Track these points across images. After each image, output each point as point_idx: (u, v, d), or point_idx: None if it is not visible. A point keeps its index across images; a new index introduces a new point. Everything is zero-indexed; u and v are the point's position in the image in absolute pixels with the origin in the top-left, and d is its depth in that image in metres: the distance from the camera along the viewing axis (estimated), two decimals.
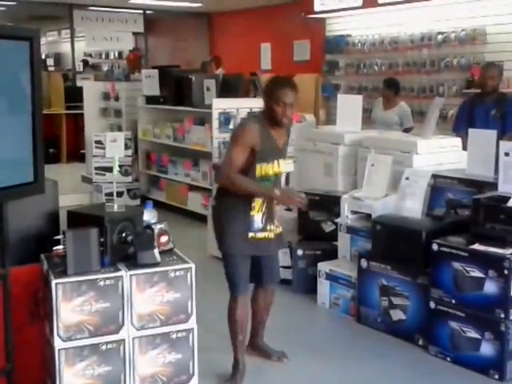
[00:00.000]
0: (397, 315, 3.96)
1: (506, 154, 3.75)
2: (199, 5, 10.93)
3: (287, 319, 4.23)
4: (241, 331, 3.31)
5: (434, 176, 4.21)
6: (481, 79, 5.59)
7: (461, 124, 5.38)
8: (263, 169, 3.20)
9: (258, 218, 3.23)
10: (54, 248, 2.78)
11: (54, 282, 2.56)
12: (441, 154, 4.60)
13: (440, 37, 7.65)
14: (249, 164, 3.18)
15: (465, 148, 4.48)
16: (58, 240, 2.77)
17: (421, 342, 3.82)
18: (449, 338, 3.61)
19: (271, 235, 3.29)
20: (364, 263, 4.13)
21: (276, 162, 3.26)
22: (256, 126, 3.19)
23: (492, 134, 4.21)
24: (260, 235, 3.24)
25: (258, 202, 3.22)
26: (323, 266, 4.46)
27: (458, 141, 4.75)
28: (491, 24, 7.14)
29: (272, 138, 3.23)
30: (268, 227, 3.27)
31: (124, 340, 2.69)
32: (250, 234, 3.21)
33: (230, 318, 3.29)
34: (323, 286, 4.43)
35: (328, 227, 4.77)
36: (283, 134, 3.33)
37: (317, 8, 9.06)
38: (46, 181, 2.83)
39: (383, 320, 4.04)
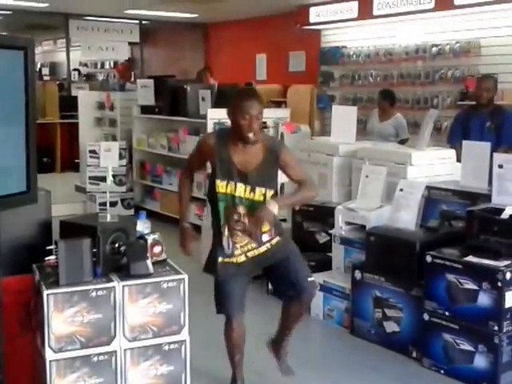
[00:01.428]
0: (390, 327, 3.95)
1: (500, 166, 3.76)
2: (195, 15, 10.96)
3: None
4: (238, 352, 3.25)
5: (428, 187, 4.22)
6: (476, 91, 5.61)
7: (456, 136, 5.40)
8: (220, 186, 3.04)
9: (224, 242, 3.11)
10: (46, 258, 2.76)
11: (45, 292, 2.54)
12: (435, 165, 4.60)
13: (434, 49, 7.70)
14: (212, 177, 3.11)
15: (459, 160, 4.49)
16: (50, 250, 2.75)
17: (414, 355, 3.80)
18: (442, 350, 3.60)
19: (242, 258, 3.11)
20: (358, 275, 4.12)
21: (239, 184, 3.03)
22: (212, 141, 3.07)
23: (486, 146, 4.22)
24: (228, 260, 3.12)
25: (222, 225, 3.10)
26: (317, 278, 4.43)
27: (452, 152, 4.76)
28: (486, 36, 7.20)
29: (229, 158, 3.02)
30: (235, 252, 3.10)
31: (116, 351, 2.66)
32: (220, 259, 3.12)
33: (226, 339, 3.24)
34: (317, 297, 4.40)
35: (322, 238, 4.76)
36: (258, 155, 3.04)
37: (312, 19, 9.12)
38: (38, 190, 2.82)
39: (377, 332, 4.03)
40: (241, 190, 3.04)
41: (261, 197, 3.04)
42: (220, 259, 3.12)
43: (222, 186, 3.05)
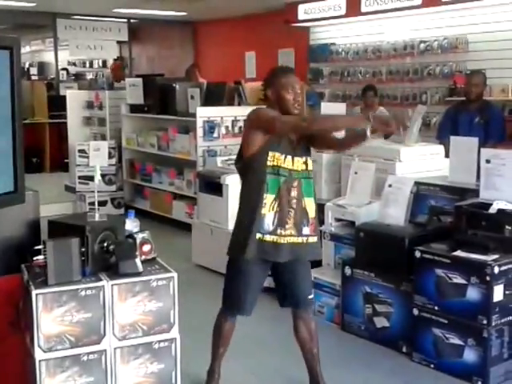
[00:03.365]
0: (381, 322, 3.97)
1: (488, 161, 3.78)
2: (184, 14, 10.94)
3: (271, 328, 4.22)
4: (223, 344, 3.26)
5: (417, 183, 4.24)
6: (465, 87, 5.65)
7: (445, 131, 5.43)
8: (276, 158, 2.97)
9: (269, 217, 2.99)
10: (35, 258, 2.75)
11: (34, 292, 2.53)
12: (424, 161, 4.63)
13: (422, 45, 7.73)
14: (260, 150, 2.98)
15: (447, 155, 4.52)
16: (39, 250, 2.74)
17: (405, 349, 3.83)
18: (432, 344, 3.62)
19: (282, 240, 3.00)
20: (348, 271, 4.13)
21: (290, 157, 3.00)
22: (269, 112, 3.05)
23: (474, 141, 4.24)
24: (268, 238, 2.99)
25: (268, 199, 2.99)
26: None
27: (440, 148, 4.78)
28: (473, 32, 7.23)
29: None
30: (279, 230, 3.00)
31: (105, 350, 2.65)
32: (258, 235, 2.98)
33: (216, 329, 3.25)
34: None
35: None
36: None
37: (301, 17, 9.13)
38: (26, 190, 2.81)
39: (367, 327, 4.05)
40: (297, 163, 3.02)
41: (305, 165, 3.05)
42: (258, 235, 2.98)
43: (280, 159, 2.97)
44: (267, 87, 3.11)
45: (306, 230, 3.07)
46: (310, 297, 3.25)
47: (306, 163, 3.06)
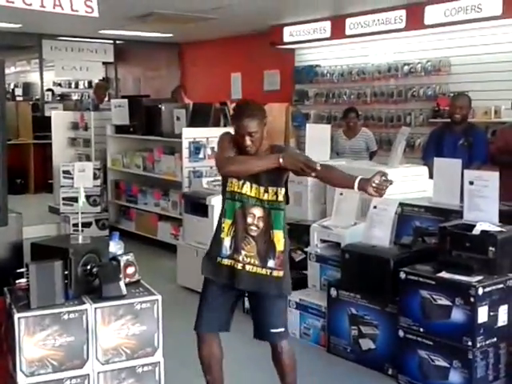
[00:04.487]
0: (366, 344, 3.96)
1: (471, 183, 3.81)
2: (170, 35, 10.99)
3: (256, 350, 4.18)
4: (208, 372, 3.20)
5: (402, 204, 4.26)
6: (450, 109, 5.71)
7: (430, 152, 5.46)
8: (236, 185, 3.02)
9: (226, 242, 3.06)
10: (17, 281, 2.73)
11: (16, 315, 2.50)
12: (408, 182, 4.65)
13: (406, 67, 7.83)
14: (224, 177, 3.11)
15: (432, 176, 4.54)
16: (22, 273, 2.72)
17: (390, 372, 3.81)
18: (418, 366, 3.61)
19: (238, 266, 3.03)
20: (333, 292, 4.13)
21: (249, 183, 3.01)
22: (231, 141, 3.07)
23: (457, 162, 4.27)
24: (226, 262, 3.05)
25: (226, 224, 3.06)
26: (293, 296, 4.44)
27: (424, 169, 4.81)
28: (456, 55, 7.34)
29: None
30: (235, 255, 3.03)
31: (88, 375, 2.62)
32: (218, 259, 3.08)
33: (199, 356, 3.20)
34: (293, 315, 4.41)
35: (298, 256, 4.77)
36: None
37: (286, 39, 9.21)
38: (9, 212, 2.79)
39: (353, 349, 4.03)
40: (256, 190, 3.03)
41: (274, 196, 3.03)
42: (218, 259, 3.07)
43: (237, 185, 3.03)
44: (231, 122, 3.14)
45: (271, 263, 3.05)
46: (276, 330, 3.11)
47: (276, 194, 3.04)
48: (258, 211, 3.03)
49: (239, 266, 3.04)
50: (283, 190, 3.08)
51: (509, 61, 6.80)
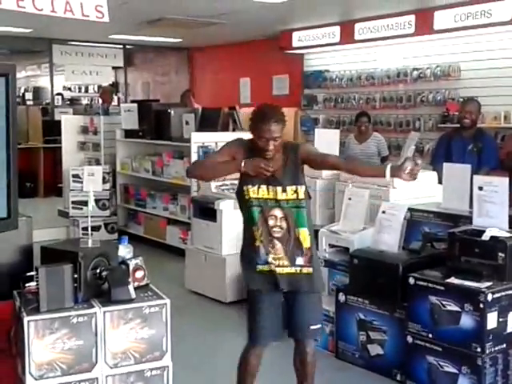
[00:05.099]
0: (375, 350, 3.94)
1: (480, 188, 3.79)
2: (179, 40, 11.03)
3: (264, 355, 4.18)
4: (249, 381, 3.18)
5: (411, 210, 4.24)
6: (459, 114, 5.69)
7: (439, 158, 5.45)
8: (252, 191, 3.01)
9: (261, 249, 3.05)
10: (27, 284, 2.74)
11: (26, 319, 2.52)
12: (417, 187, 4.63)
13: (415, 73, 7.81)
14: (238, 185, 3.09)
15: (441, 181, 4.53)
16: (31, 276, 2.73)
17: (399, 377, 3.80)
18: (426, 372, 3.60)
19: (275, 269, 3.03)
20: (342, 297, 4.12)
21: (265, 186, 3.00)
22: (243, 145, 3.07)
23: (467, 168, 4.26)
24: (266, 268, 3.05)
25: (257, 231, 3.04)
26: None
27: (433, 175, 4.80)
28: (465, 60, 7.32)
29: None
30: (270, 260, 3.04)
31: (97, 378, 2.63)
32: (259, 267, 3.06)
33: (241, 366, 3.18)
34: None
35: None
36: (280, 157, 3.04)
37: (295, 44, 9.23)
38: (19, 216, 2.81)
39: (361, 355, 4.02)
40: (273, 192, 3.02)
41: (293, 194, 3.02)
42: (259, 267, 3.06)
43: (253, 191, 3.02)
44: (249, 126, 3.07)
45: (299, 261, 3.06)
46: (315, 327, 3.17)
47: (296, 192, 3.03)
48: (278, 212, 3.03)
49: (276, 269, 3.05)
50: (303, 187, 3.06)
51: None
